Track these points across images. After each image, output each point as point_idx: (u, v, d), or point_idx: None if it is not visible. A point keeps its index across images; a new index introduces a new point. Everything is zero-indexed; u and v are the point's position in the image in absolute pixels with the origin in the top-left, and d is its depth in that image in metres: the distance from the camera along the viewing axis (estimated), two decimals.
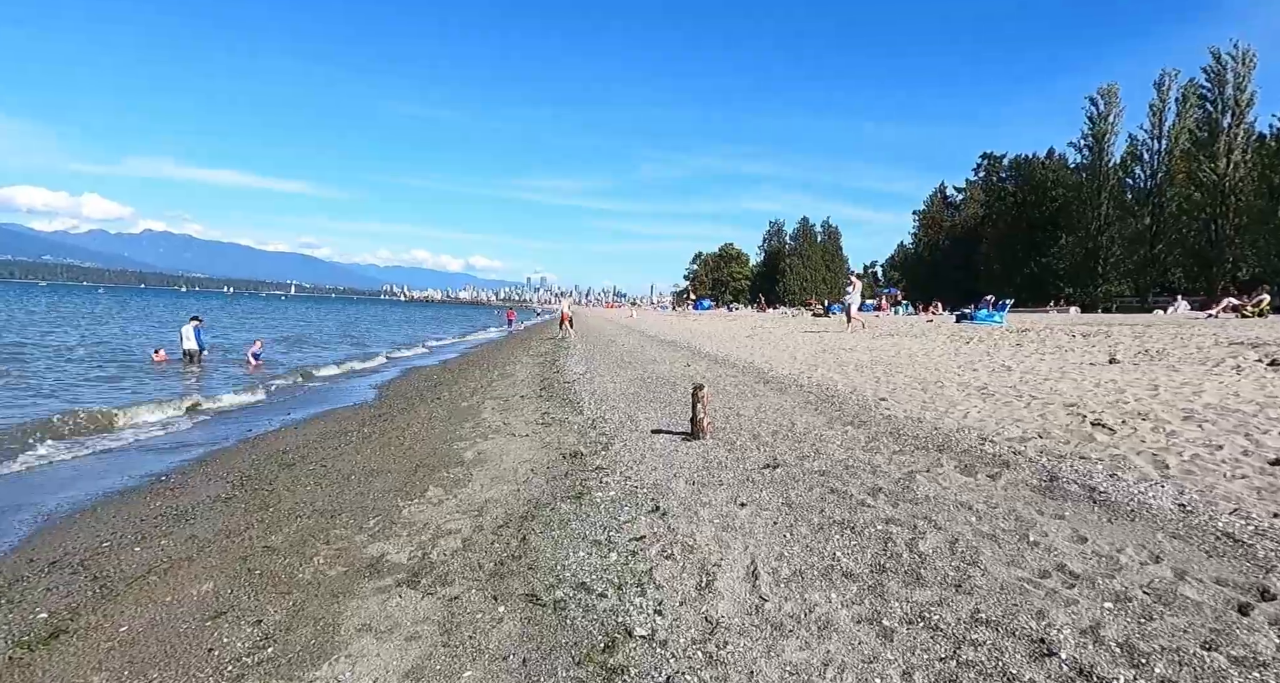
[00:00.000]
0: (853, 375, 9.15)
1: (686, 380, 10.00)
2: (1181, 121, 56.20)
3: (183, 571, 3.49)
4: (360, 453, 6.39)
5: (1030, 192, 70.20)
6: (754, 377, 9.93)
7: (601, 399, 8.66)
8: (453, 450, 6.22)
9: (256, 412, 10.02)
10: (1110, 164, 61.96)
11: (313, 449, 6.72)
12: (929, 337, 14.64)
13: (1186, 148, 54.83)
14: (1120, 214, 60.43)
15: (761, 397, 7.93)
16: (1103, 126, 62.55)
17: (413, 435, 7.16)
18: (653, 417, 7.21)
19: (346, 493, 4.92)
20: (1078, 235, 63.34)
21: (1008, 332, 14.69)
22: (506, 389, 10.75)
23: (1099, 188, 61.49)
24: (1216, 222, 51.97)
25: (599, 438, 6.24)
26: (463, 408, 9.04)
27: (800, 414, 6.69)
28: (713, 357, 13.57)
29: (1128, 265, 60.80)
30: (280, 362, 18.25)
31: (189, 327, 16.64)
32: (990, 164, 78.58)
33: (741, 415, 6.82)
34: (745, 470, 4.74)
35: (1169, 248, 56.87)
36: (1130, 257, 60.22)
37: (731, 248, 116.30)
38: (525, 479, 4.95)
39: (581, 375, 11.54)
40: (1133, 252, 59.68)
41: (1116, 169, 61.63)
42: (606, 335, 25.42)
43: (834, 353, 12.28)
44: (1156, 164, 58.33)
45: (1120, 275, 62.08)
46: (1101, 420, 5.17)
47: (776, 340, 16.72)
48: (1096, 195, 61.61)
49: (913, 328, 18.27)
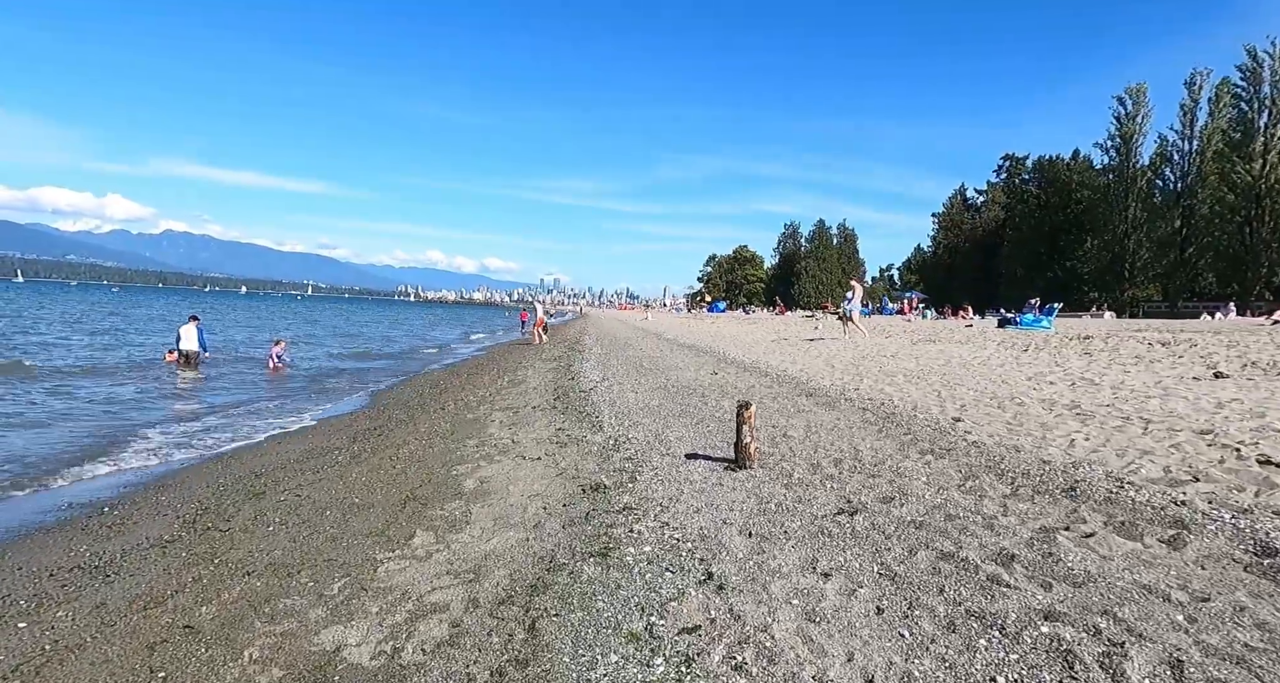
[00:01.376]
0: (907, 388, 8.11)
1: (716, 391, 8.99)
2: (1214, 121, 54.48)
3: (58, 673, 2.53)
4: (344, 478, 5.44)
5: (1054, 193, 68.45)
6: (792, 387, 8.90)
7: (623, 413, 7.68)
8: (451, 477, 5.25)
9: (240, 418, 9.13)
10: (1138, 165, 60.24)
11: (291, 471, 5.78)
12: (976, 343, 13.52)
13: (1220, 148, 53.10)
14: (1149, 217, 58.73)
15: (808, 413, 6.90)
16: (1130, 127, 60.83)
17: (408, 455, 6.20)
18: (684, 436, 6.22)
19: (315, 537, 3.96)
20: (1104, 238, 61.67)
21: (1064, 339, 13.51)
22: (517, 398, 9.79)
23: (1126, 190, 59.81)
24: (1251, 224, 50.26)
25: (624, 464, 5.25)
26: (468, 421, 8.08)
27: (862, 436, 5.66)
28: (740, 363, 12.54)
29: (1156, 269, 59.07)
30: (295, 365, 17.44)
31: (189, 326, 15.86)
32: (1012, 165, 76.91)
33: (791, 437, 5.81)
34: (814, 517, 3.73)
35: (1200, 252, 55.14)
36: (1159, 260, 58.48)
37: (746, 250, 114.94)
38: (536, 523, 3.97)
39: (598, 384, 10.56)
40: (1162, 255, 57.96)
41: (1145, 170, 59.89)
42: (622, 338, 24.44)
43: (875, 360, 11.21)
44: (1187, 165, 56.62)
45: (1148, 279, 60.39)
46: (1270, 457, 4.12)
47: (806, 345, 15.66)
48: (1124, 197, 59.93)
49: (953, 333, 17.13)
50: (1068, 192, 67.46)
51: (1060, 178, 68.92)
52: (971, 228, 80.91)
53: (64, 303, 57.54)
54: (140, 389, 11.75)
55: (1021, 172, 75.58)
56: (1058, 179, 69.03)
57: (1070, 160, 70.43)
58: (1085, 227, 64.15)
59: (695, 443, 5.90)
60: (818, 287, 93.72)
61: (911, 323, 27.96)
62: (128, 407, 9.96)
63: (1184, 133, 56.54)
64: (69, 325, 28.76)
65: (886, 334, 17.70)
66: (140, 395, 11.07)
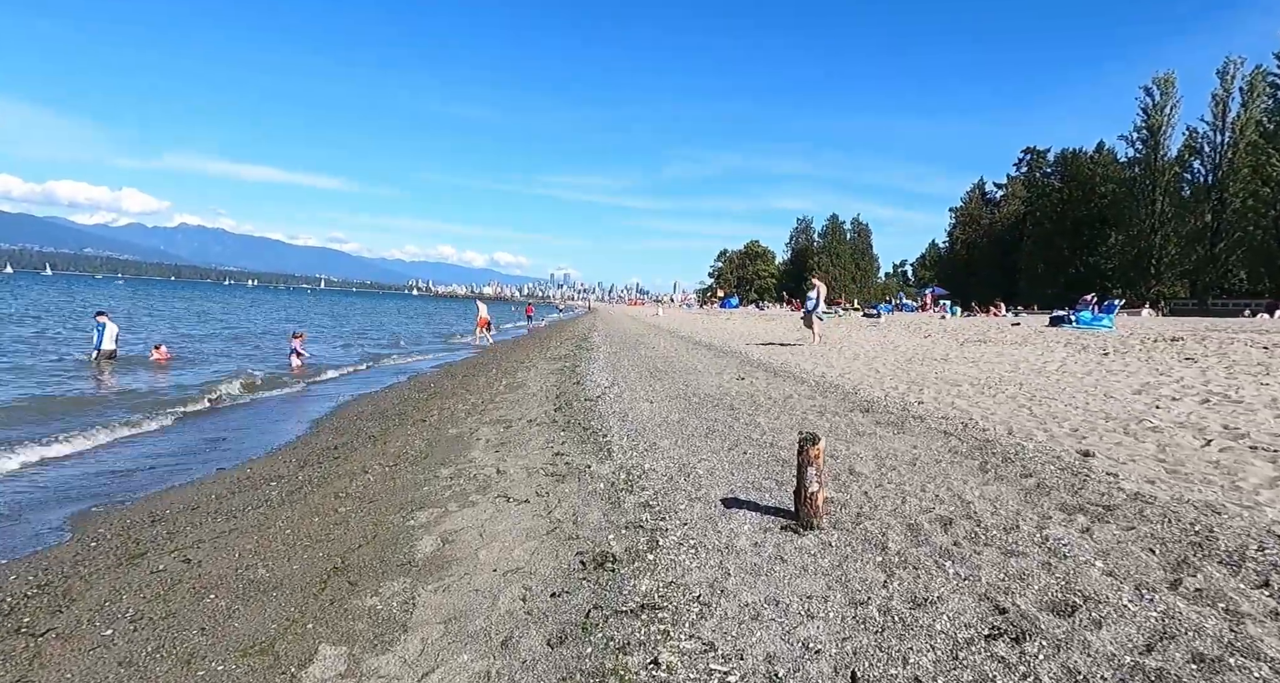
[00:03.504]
0: (984, 402, 6.64)
1: (746, 402, 7.55)
2: (1248, 112, 52.42)
3: None
4: (263, 530, 4.05)
5: (1077, 187, 66.37)
6: (839, 399, 7.43)
7: (636, 430, 6.26)
8: (405, 531, 3.85)
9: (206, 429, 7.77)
10: (1165, 158, 58.16)
11: (201, 516, 4.41)
12: (1037, 345, 11.97)
13: (1254, 140, 50.98)
14: (1176, 211, 56.75)
15: (872, 436, 5.45)
16: (1158, 118, 58.79)
17: (360, 491, 4.81)
18: (715, 467, 4.80)
19: (160, 657, 2.56)
20: (1129, 233, 59.73)
21: (1142, 340, 11.89)
22: (512, 407, 8.40)
23: (1153, 183, 57.86)
24: None
25: (640, 516, 3.83)
26: (449, 438, 6.68)
27: (960, 477, 4.21)
28: (767, 366, 11.07)
29: (1185, 265, 57.04)
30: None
31: (109, 326, 14.17)
32: (1033, 159, 74.80)
33: (861, 475, 4.36)
34: (952, 640, 2.30)
35: (1232, 247, 53.10)
36: (1187, 256, 56.49)
37: (757, 245, 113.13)
38: (507, 636, 2.55)
39: (607, 390, 9.14)
40: (1190, 251, 55.96)
41: (1173, 163, 57.82)
42: (634, 335, 22.99)
43: (927, 364, 9.73)
44: (1219, 157, 54.47)
45: (1176, 276, 58.39)
46: None
47: (836, 343, 14.17)
48: (1150, 191, 57.98)
49: (1002, 333, 15.51)
50: (1091, 185, 65.39)
51: (1083, 171, 66.82)
52: (990, 223, 78.87)
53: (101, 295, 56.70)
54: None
55: (1043, 165, 73.51)
56: (1080, 173, 66.93)
57: (1094, 153, 68.24)
58: (1109, 221, 62.18)
59: (733, 479, 4.48)
60: (830, 283, 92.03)
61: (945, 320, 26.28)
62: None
63: (1215, 124, 54.48)
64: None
65: (925, 334, 16.14)
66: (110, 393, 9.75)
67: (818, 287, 15.16)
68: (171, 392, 10.79)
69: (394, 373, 15.43)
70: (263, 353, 18.14)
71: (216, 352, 18.05)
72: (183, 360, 15.32)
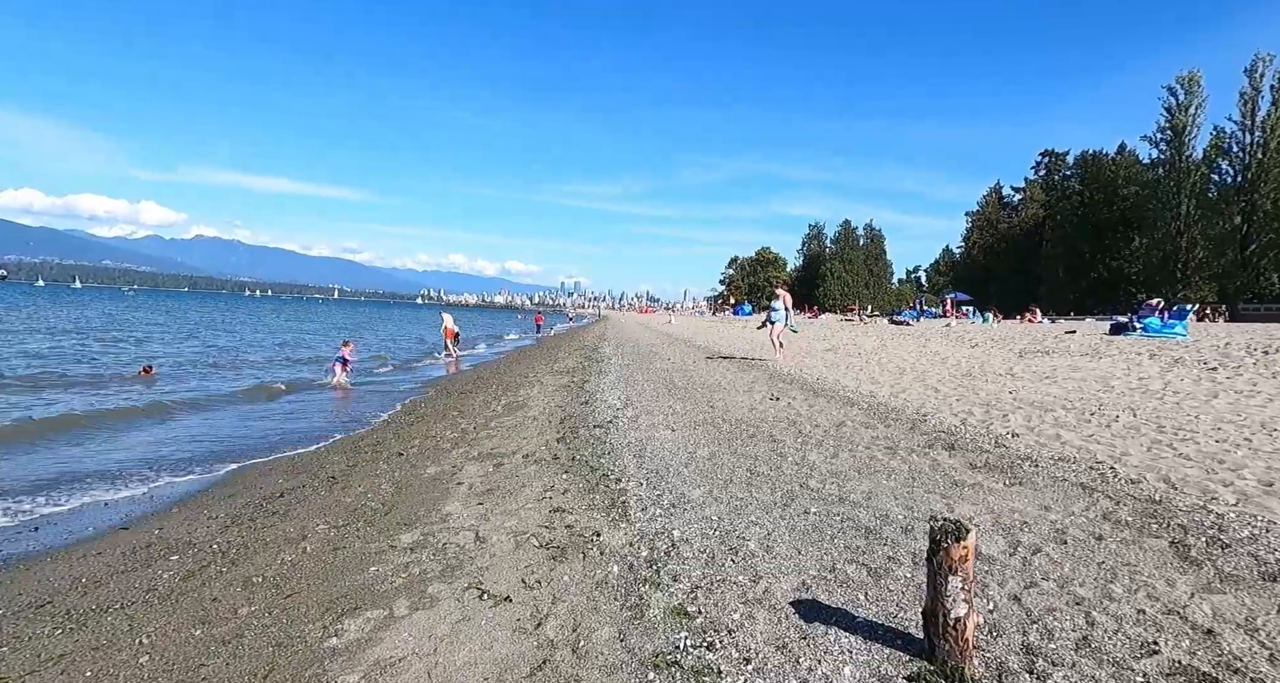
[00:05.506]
0: (1099, 434, 5.26)
1: (789, 429, 6.18)
2: (1278, 110, 50.56)
3: None
4: (106, 659, 2.72)
5: (1098, 190, 64.60)
6: (908, 429, 6.04)
7: (658, 473, 4.91)
8: (315, 665, 2.53)
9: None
10: (1191, 159, 56.37)
11: (31, 629, 3.09)
12: (1110, 356, 10.49)
13: None
14: (1204, 213, 54.91)
15: (979, 490, 4.07)
16: (1182, 118, 57.06)
17: (279, 577, 3.47)
18: (773, 538, 3.46)
19: None
20: (1153, 237, 57.96)
21: (1243, 350, 10.36)
22: (508, 436, 7.07)
23: (1178, 184, 56.11)
24: None
25: (676, 636, 2.50)
26: (425, 481, 5.36)
27: (1157, 571, 2.83)
28: (803, 383, 9.69)
29: (1214, 269, 55.13)
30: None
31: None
32: (1052, 161, 73.08)
33: (991, 559, 3.00)
34: None
35: (1264, 250, 51.21)
36: (1216, 260, 54.59)
37: (768, 252, 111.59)
38: None
39: (619, 413, 7.80)
40: (1219, 254, 54.08)
41: (1199, 164, 56.03)
42: (646, 345, 21.63)
43: (990, 380, 8.33)
44: (1248, 158, 52.62)
45: (1204, 280, 56.43)
46: None
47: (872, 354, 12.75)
48: (1176, 193, 56.24)
49: (1061, 342, 13.98)
50: (1113, 188, 63.61)
51: (1105, 174, 65.04)
52: (1008, 227, 77.09)
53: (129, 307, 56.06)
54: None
55: (1062, 168, 71.79)
56: (1102, 175, 65.16)
57: (1115, 155, 66.44)
58: (1133, 224, 60.44)
59: (801, 562, 3.14)
60: (843, 289, 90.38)
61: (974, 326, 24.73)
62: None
63: (1244, 123, 52.68)
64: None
65: (972, 343, 14.68)
66: None
67: (782, 296, 13.51)
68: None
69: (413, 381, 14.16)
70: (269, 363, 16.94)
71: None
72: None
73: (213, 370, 16.02)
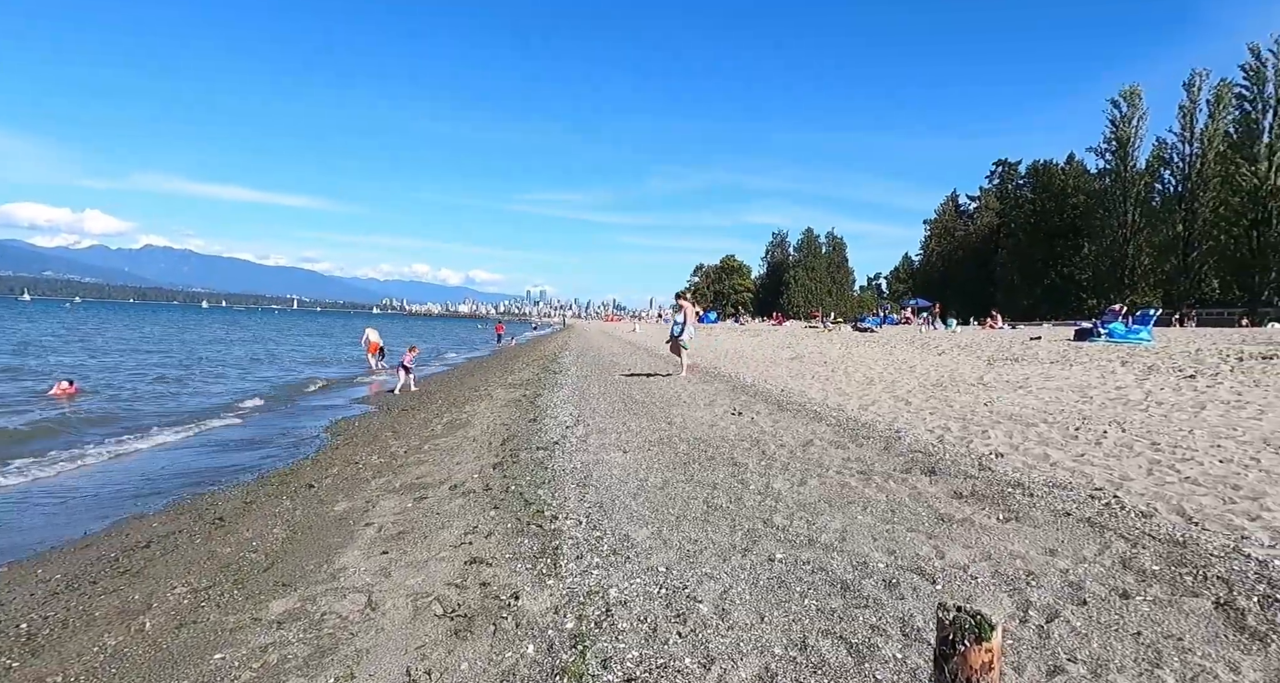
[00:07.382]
0: (1090, 454, 4.73)
1: (752, 449, 5.54)
2: (1215, 123, 52.72)
3: None
4: None
5: (1049, 198, 66.40)
6: (882, 449, 5.44)
7: (601, 509, 4.20)
8: None
9: None
10: (1135, 169, 58.40)
11: None
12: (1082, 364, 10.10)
13: (1221, 151, 51.19)
14: (1148, 221, 56.87)
15: (971, 528, 3.45)
16: (1126, 130, 59.07)
17: (89, 668, 2.65)
18: (730, 598, 2.78)
19: None
20: (1102, 244, 59.72)
21: (1220, 356, 10.08)
22: (440, 461, 6.28)
23: (1124, 194, 57.97)
24: (1259, 228, 48.26)
25: None
26: (329, 521, 4.55)
27: (1208, 647, 2.23)
28: (767, 394, 9.08)
29: (1158, 275, 57.05)
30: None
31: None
32: (1005, 171, 74.90)
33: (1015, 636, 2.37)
34: None
35: (1204, 256, 53.11)
36: (1161, 266, 56.48)
37: (733, 260, 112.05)
38: None
39: (568, 431, 7.06)
40: (1163, 260, 55.96)
41: (1143, 174, 58.08)
42: (608, 355, 20.90)
43: (962, 390, 7.83)
44: (1188, 168, 54.67)
45: (1150, 286, 58.31)
46: None
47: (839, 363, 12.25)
48: (1121, 202, 58.11)
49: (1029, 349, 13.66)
50: (1063, 196, 65.47)
51: (1055, 182, 66.94)
52: (965, 235, 78.71)
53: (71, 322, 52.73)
54: None
55: (1015, 177, 73.63)
56: (1052, 184, 67.04)
57: (1064, 165, 68.45)
58: (1082, 232, 62.20)
59: (765, 634, 2.47)
60: (806, 296, 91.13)
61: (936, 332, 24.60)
62: None
63: (1183, 135, 54.72)
64: None
65: (938, 350, 14.32)
66: None
67: (685, 308, 12.62)
68: None
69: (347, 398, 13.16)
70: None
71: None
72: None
73: (148, 392, 14.72)
